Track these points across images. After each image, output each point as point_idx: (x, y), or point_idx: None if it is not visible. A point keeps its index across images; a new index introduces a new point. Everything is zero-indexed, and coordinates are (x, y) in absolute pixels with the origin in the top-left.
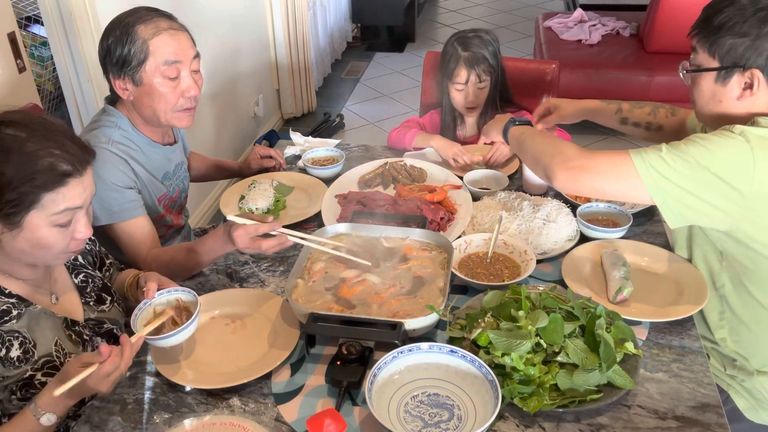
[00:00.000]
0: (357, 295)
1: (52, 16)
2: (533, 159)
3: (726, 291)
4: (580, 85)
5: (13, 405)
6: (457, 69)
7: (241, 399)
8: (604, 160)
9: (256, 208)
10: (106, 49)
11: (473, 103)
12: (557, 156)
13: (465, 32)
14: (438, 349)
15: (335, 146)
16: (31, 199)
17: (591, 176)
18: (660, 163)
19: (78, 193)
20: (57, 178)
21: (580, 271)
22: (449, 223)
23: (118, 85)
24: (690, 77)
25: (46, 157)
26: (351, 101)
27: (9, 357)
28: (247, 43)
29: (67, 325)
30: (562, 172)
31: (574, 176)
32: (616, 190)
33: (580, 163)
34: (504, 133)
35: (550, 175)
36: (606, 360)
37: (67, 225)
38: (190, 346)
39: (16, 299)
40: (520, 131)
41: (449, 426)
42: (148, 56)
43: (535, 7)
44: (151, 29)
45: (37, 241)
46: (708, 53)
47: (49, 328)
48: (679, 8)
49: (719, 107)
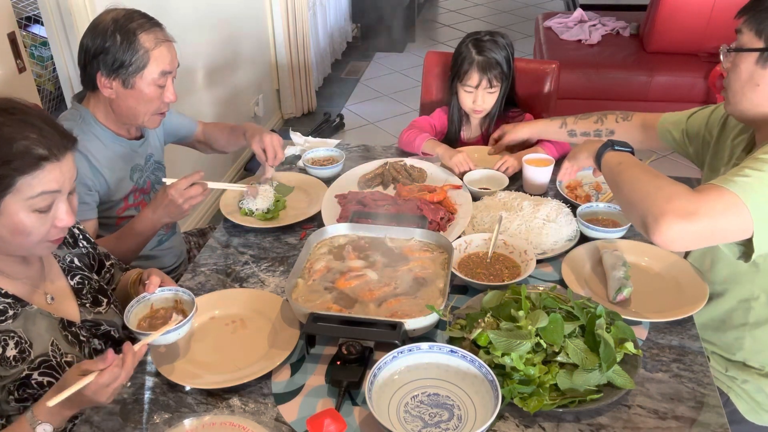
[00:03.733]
0: (352, 288)
1: (52, 16)
2: (630, 198)
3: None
4: (580, 85)
5: (11, 406)
6: (469, 72)
7: (241, 399)
8: (713, 199)
9: (256, 209)
10: (102, 48)
11: (481, 107)
12: (669, 200)
13: (480, 34)
14: (438, 349)
15: (335, 146)
16: (6, 182)
17: (706, 220)
18: (760, 186)
19: (55, 177)
20: (32, 161)
21: (580, 271)
22: (449, 223)
23: (103, 82)
24: (731, 59)
25: (22, 141)
26: (351, 101)
27: (5, 357)
28: (247, 43)
29: (63, 326)
30: (674, 220)
31: (688, 224)
32: (728, 231)
33: (695, 208)
34: (597, 157)
35: (654, 223)
36: (606, 360)
37: (46, 211)
38: (190, 346)
39: (12, 299)
40: (618, 160)
41: (449, 426)
42: (147, 65)
43: (535, 7)
44: (153, 39)
45: (15, 227)
46: (755, 33)
47: (44, 329)
48: (679, 8)
49: (755, 92)
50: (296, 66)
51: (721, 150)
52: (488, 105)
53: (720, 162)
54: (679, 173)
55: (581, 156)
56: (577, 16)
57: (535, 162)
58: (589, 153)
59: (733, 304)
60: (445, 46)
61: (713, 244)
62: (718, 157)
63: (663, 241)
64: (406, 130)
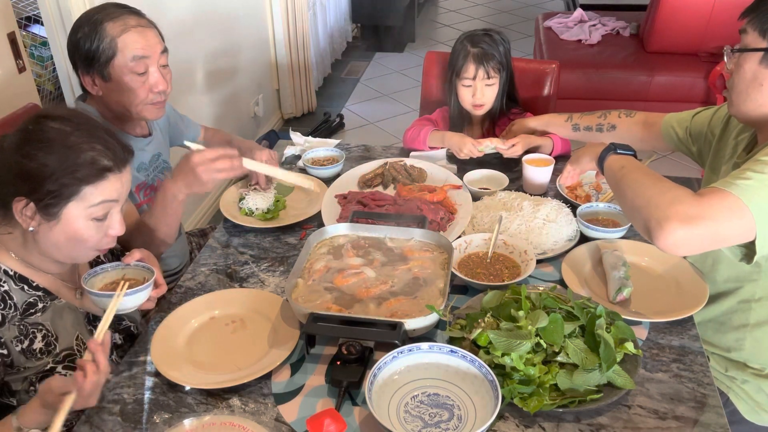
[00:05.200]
0: (349, 285)
1: (52, 16)
2: (633, 203)
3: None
4: (580, 85)
5: (30, 396)
6: (465, 65)
7: (241, 399)
8: (716, 202)
9: (257, 209)
10: (75, 44)
11: (480, 100)
12: (672, 204)
13: (475, 31)
14: (438, 349)
15: (335, 146)
16: (71, 191)
17: (710, 224)
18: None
19: (116, 188)
20: (97, 172)
21: (580, 271)
22: (449, 223)
23: (86, 80)
24: (735, 59)
25: (89, 151)
26: (351, 101)
27: (32, 349)
28: (247, 42)
29: (89, 320)
30: (677, 225)
31: (691, 228)
32: (731, 234)
33: (698, 212)
34: (600, 160)
35: (657, 228)
36: (606, 360)
37: (102, 219)
38: (190, 345)
39: (43, 292)
40: (620, 163)
41: (449, 426)
42: (116, 53)
43: (535, 7)
44: (119, 26)
45: (73, 234)
46: (759, 33)
47: (71, 323)
48: (679, 8)
49: (759, 92)
50: (296, 66)
51: (722, 149)
52: (488, 99)
53: (720, 161)
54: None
55: (584, 159)
56: (577, 16)
57: (535, 162)
58: (591, 157)
59: (733, 305)
60: (445, 46)
61: (717, 248)
62: (719, 156)
63: (666, 246)
64: (409, 129)
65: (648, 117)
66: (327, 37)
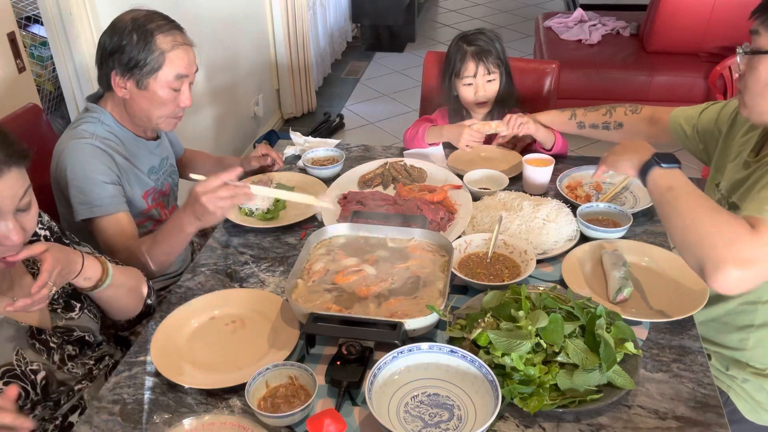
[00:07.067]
0: (349, 283)
1: (52, 16)
2: (684, 237)
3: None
4: (580, 85)
5: None
6: (465, 64)
7: (241, 399)
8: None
9: (257, 209)
10: (118, 46)
11: (483, 97)
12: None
13: (468, 31)
14: (438, 349)
15: (335, 146)
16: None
17: (764, 265)
18: None
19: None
20: None
21: (580, 271)
22: (449, 223)
23: (117, 81)
24: (746, 61)
25: None
26: (351, 101)
27: None
28: (247, 42)
29: (32, 334)
30: (734, 268)
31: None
32: None
33: (757, 255)
34: (642, 172)
35: (714, 271)
36: (606, 360)
37: None
38: (190, 345)
39: None
40: (668, 183)
41: (449, 426)
42: (162, 66)
43: (535, 7)
44: (170, 41)
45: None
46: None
47: (9, 338)
48: (679, 8)
49: None
50: (296, 66)
51: (728, 147)
52: (490, 94)
53: (726, 159)
54: None
55: (622, 165)
56: (577, 16)
57: (535, 162)
58: (632, 164)
59: (739, 306)
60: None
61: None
62: (725, 154)
63: (720, 288)
64: (408, 129)
65: (654, 113)
66: (327, 36)
